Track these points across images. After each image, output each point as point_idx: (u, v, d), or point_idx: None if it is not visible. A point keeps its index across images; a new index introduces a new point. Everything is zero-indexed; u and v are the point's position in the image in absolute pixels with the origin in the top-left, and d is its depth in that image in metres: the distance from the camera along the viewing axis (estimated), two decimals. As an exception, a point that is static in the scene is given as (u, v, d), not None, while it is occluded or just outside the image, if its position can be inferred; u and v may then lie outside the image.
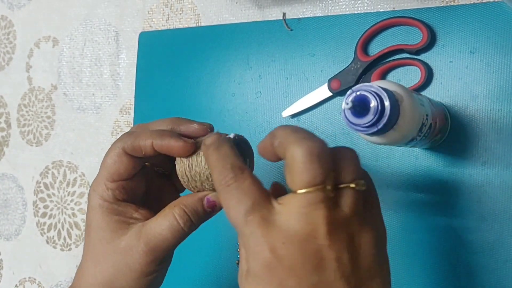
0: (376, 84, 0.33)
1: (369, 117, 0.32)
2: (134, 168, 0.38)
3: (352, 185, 0.29)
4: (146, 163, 0.41)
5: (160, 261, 0.37)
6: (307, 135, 0.29)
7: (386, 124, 0.32)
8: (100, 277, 0.38)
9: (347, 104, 0.32)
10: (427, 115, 0.37)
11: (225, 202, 0.30)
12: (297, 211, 0.28)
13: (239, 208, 0.29)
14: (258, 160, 0.37)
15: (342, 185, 0.29)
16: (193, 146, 0.36)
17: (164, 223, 0.36)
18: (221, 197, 0.31)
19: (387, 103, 0.32)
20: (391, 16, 0.48)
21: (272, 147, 0.31)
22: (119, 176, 0.38)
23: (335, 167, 0.29)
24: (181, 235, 0.36)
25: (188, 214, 0.36)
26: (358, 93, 0.32)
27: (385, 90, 0.32)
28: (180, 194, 0.42)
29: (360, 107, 0.32)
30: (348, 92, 0.33)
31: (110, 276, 0.37)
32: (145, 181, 0.40)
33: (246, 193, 0.30)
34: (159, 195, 0.42)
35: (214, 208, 0.37)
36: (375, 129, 0.32)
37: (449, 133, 0.45)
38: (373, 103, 0.32)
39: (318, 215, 0.27)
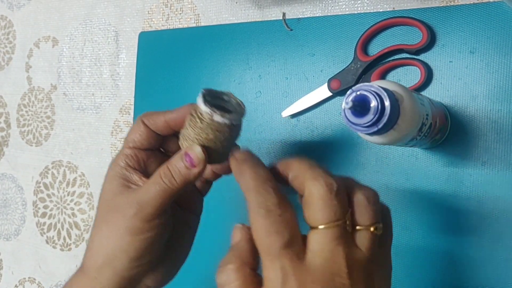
0: (376, 84, 0.33)
1: (369, 117, 0.32)
2: (148, 138, 0.41)
3: (371, 229, 0.31)
4: (162, 149, 0.43)
5: (149, 218, 0.37)
6: (324, 172, 0.31)
7: (386, 124, 0.32)
8: (98, 240, 0.39)
9: (347, 103, 0.32)
10: (427, 115, 0.37)
11: (261, 227, 0.30)
12: (321, 249, 0.29)
13: (276, 239, 0.29)
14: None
15: (360, 227, 0.30)
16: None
17: (151, 181, 0.38)
18: (258, 221, 0.30)
19: (387, 103, 0.32)
20: (391, 16, 0.48)
21: (284, 175, 0.33)
22: (133, 143, 0.41)
23: (357, 206, 0.31)
24: (166, 193, 0.37)
25: (170, 171, 0.37)
26: (358, 92, 0.32)
27: (385, 89, 0.32)
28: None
29: (360, 106, 0.32)
30: (348, 92, 0.33)
31: (106, 238, 0.39)
32: (158, 161, 0.42)
33: (287, 225, 0.30)
34: None
35: (192, 163, 0.37)
36: (375, 129, 0.32)
37: (449, 133, 0.45)
38: (373, 103, 0.32)
39: (339, 252, 0.29)
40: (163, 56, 0.63)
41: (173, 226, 0.42)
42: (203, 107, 0.36)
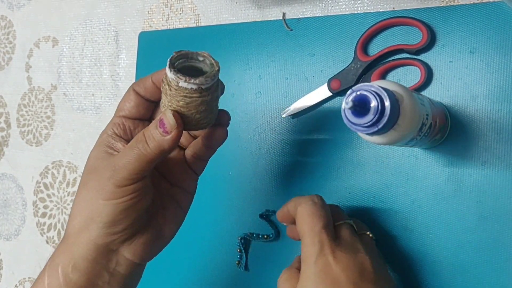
0: (376, 84, 0.33)
1: (369, 117, 0.32)
2: (137, 106, 0.41)
3: (347, 221, 0.43)
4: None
5: (123, 183, 0.37)
6: (308, 199, 0.42)
7: (386, 124, 0.32)
8: (77, 204, 0.39)
9: (347, 103, 0.32)
10: (427, 115, 0.37)
11: (308, 212, 0.41)
12: (347, 235, 0.42)
13: (319, 220, 0.40)
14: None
15: (338, 222, 0.43)
16: None
17: (127, 146, 0.38)
18: (306, 207, 0.41)
19: (387, 103, 0.32)
20: (391, 16, 0.48)
21: (288, 212, 0.43)
22: (123, 111, 0.42)
23: (333, 214, 0.43)
24: (141, 158, 0.37)
25: (145, 137, 0.37)
26: (358, 92, 0.32)
27: (385, 89, 0.32)
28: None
29: (360, 106, 0.32)
30: (348, 92, 0.33)
31: (83, 201, 0.39)
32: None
33: (326, 213, 0.42)
34: None
35: (165, 129, 0.37)
36: (375, 129, 0.32)
37: (449, 133, 0.45)
38: (373, 103, 0.32)
39: (324, 240, 0.39)
40: (163, 56, 0.63)
41: (159, 199, 0.42)
42: (169, 74, 0.35)
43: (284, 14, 0.55)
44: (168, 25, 0.64)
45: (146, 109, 0.42)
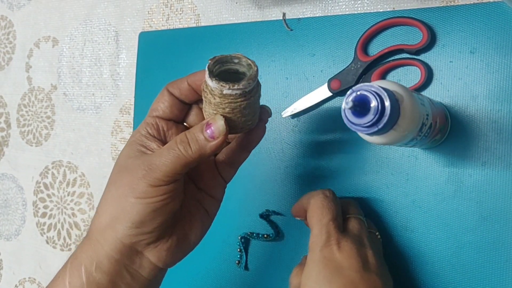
0: (377, 84, 0.33)
1: (370, 117, 0.32)
2: (171, 107, 0.41)
3: (358, 216, 0.45)
4: (185, 124, 0.43)
5: (155, 183, 0.37)
6: (320, 192, 0.45)
7: (386, 124, 0.32)
8: (104, 201, 0.39)
9: (347, 104, 0.32)
10: (427, 115, 0.37)
11: (319, 204, 0.43)
12: (354, 227, 0.44)
13: (328, 212, 0.43)
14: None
15: (349, 216, 0.45)
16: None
17: (166, 146, 0.37)
18: (317, 199, 0.44)
19: (387, 103, 0.32)
20: (391, 16, 0.48)
21: (302, 206, 0.46)
22: (156, 111, 0.41)
23: (345, 207, 0.46)
24: (179, 160, 0.36)
25: (187, 138, 0.37)
26: (358, 92, 0.32)
27: (386, 90, 0.32)
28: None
29: (360, 107, 0.32)
30: (349, 92, 0.33)
31: (112, 198, 0.38)
32: (179, 133, 0.41)
33: (336, 207, 0.44)
34: None
35: (212, 135, 0.36)
36: (375, 129, 0.32)
37: (449, 133, 0.45)
38: (374, 103, 0.32)
39: (331, 231, 0.42)
40: (163, 56, 0.63)
41: (186, 204, 0.41)
42: (210, 83, 0.35)
43: (284, 14, 0.55)
44: (168, 25, 0.64)
45: (180, 110, 0.41)
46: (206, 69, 0.36)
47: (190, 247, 0.42)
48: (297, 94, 0.54)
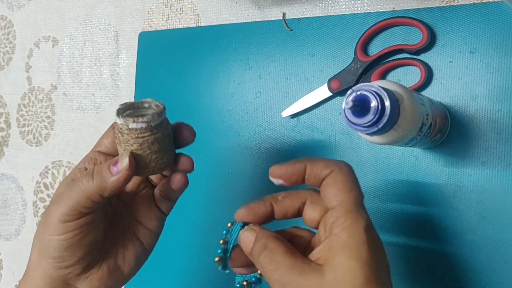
0: (376, 84, 0.32)
1: (370, 117, 0.32)
2: (114, 142, 0.41)
3: None
4: None
5: (68, 220, 0.37)
6: (349, 167, 0.35)
7: (386, 124, 0.32)
8: (34, 240, 0.40)
9: (347, 103, 0.32)
10: (427, 115, 0.37)
11: (351, 182, 0.34)
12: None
13: (360, 194, 0.35)
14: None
15: None
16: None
17: (74, 179, 0.38)
18: (350, 174, 0.35)
19: (387, 103, 0.32)
20: (391, 16, 0.48)
21: (303, 171, 0.35)
22: (100, 146, 0.42)
23: None
24: (83, 193, 0.36)
25: (93, 171, 0.37)
26: (358, 92, 0.32)
27: (385, 89, 0.32)
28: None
29: (360, 106, 0.32)
30: (349, 92, 0.33)
31: (37, 235, 0.39)
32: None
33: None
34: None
35: (115, 169, 0.36)
36: (375, 129, 0.32)
37: (449, 133, 0.45)
38: (374, 103, 0.32)
39: (366, 213, 0.34)
40: (163, 56, 0.63)
41: (119, 235, 0.42)
42: (118, 120, 0.37)
43: (284, 14, 0.55)
44: (168, 25, 0.64)
45: None
46: (116, 110, 0.37)
47: (124, 278, 0.42)
48: (297, 94, 0.54)
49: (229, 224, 0.42)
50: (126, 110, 0.38)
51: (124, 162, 0.36)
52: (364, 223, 0.33)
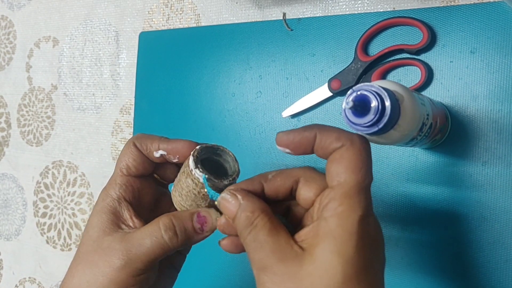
0: (377, 84, 0.33)
1: (370, 117, 0.32)
2: (142, 163, 0.38)
3: None
4: (155, 175, 0.40)
5: (137, 273, 0.35)
6: (363, 141, 0.31)
7: (386, 124, 0.32)
8: (78, 281, 0.37)
9: (348, 103, 0.32)
10: (427, 115, 0.37)
11: (358, 161, 0.30)
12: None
13: (367, 176, 0.31)
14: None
15: None
16: (193, 145, 0.36)
17: (147, 232, 0.35)
18: (356, 154, 0.30)
19: (387, 103, 0.32)
20: (391, 16, 0.48)
21: (313, 139, 0.32)
22: (127, 169, 0.38)
23: None
24: (163, 249, 0.35)
25: (175, 226, 0.35)
26: (358, 92, 0.32)
27: (386, 89, 0.32)
28: None
29: (360, 106, 0.32)
30: (349, 92, 0.33)
31: (87, 282, 0.36)
32: (152, 194, 0.39)
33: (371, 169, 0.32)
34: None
35: (203, 226, 0.35)
36: (375, 129, 0.32)
37: (449, 133, 0.45)
38: (374, 103, 0.32)
39: (369, 199, 0.31)
40: (164, 56, 0.63)
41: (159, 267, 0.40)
42: (209, 191, 0.34)
43: (284, 14, 0.56)
44: (169, 25, 0.64)
45: (151, 165, 0.39)
46: (195, 160, 0.35)
47: None
48: (297, 94, 0.54)
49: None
50: (202, 154, 0.35)
51: (214, 221, 0.35)
52: (360, 212, 0.29)
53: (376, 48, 0.49)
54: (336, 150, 0.31)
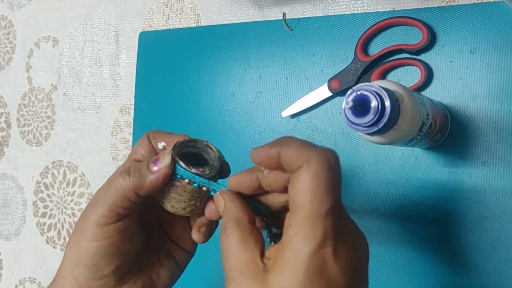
0: (377, 84, 0.33)
1: (370, 117, 0.32)
2: (149, 152, 0.39)
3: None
4: None
5: (105, 222, 0.35)
6: (324, 158, 0.30)
7: (386, 124, 0.32)
8: (67, 249, 0.38)
9: (348, 103, 0.32)
10: (427, 115, 0.37)
11: (314, 187, 0.29)
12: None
13: (327, 200, 0.29)
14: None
15: None
16: (167, 175, 0.35)
17: (108, 180, 0.37)
18: (311, 180, 0.29)
19: (387, 103, 0.32)
20: (391, 16, 0.48)
21: (278, 157, 0.31)
22: (135, 155, 0.39)
23: None
24: (118, 192, 0.35)
25: (130, 169, 0.36)
26: (358, 92, 0.32)
27: (386, 89, 0.32)
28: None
29: (360, 106, 0.32)
30: (349, 92, 0.33)
31: (71, 245, 0.37)
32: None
33: (337, 191, 0.30)
34: None
35: (156, 163, 0.35)
36: (375, 129, 0.32)
37: (449, 133, 0.45)
38: (374, 103, 0.32)
39: (329, 227, 0.29)
40: (164, 56, 0.63)
41: (155, 252, 0.40)
42: (180, 163, 0.35)
43: (284, 14, 0.56)
44: (168, 25, 0.64)
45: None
46: (175, 151, 0.36)
47: None
48: (297, 94, 0.54)
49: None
50: (182, 148, 0.36)
51: (166, 160, 0.35)
52: (314, 243, 0.28)
53: (376, 48, 0.49)
54: (296, 170, 0.29)
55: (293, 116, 0.54)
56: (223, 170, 0.39)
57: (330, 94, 0.51)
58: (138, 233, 0.38)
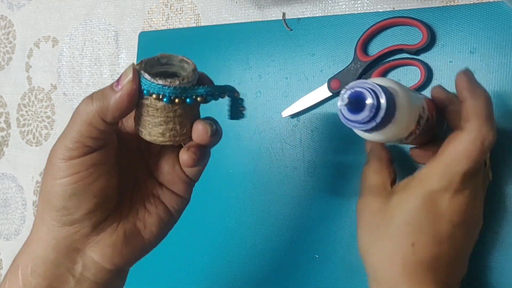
0: (370, 81, 0.33)
1: (366, 113, 0.32)
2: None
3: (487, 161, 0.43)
4: None
5: (72, 156, 0.32)
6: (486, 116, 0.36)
7: (384, 118, 0.32)
8: (39, 194, 0.34)
9: (343, 100, 0.32)
10: (423, 107, 0.37)
11: (485, 100, 0.37)
12: None
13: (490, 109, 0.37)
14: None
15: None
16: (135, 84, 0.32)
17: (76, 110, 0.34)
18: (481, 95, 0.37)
19: (382, 98, 0.32)
20: (391, 16, 0.48)
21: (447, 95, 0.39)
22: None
23: None
24: (82, 119, 0.32)
25: (93, 94, 0.33)
26: (353, 90, 0.32)
27: (380, 85, 0.32)
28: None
29: (356, 103, 0.32)
30: (343, 91, 0.33)
31: (41, 187, 0.34)
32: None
33: None
34: None
35: (119, 81, 0.32)
36: (373, 124, 0.32)
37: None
38: (369, 99, 0.32)
39: (454, 182, 0.36)
40: (163, 56, 0.63)
41: (140, 198, 0.37)
42: (146, 76, 0.32)
43: (284, 14, 0.55)
44: (168, 25, 0.64)
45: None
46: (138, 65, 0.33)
47: (144, 246, 0.36)
48: (297, 94, 0.54)
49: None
50: (154, 66, 0.33)
51: (128, 75, 0.31)
52: (436, 185, 0.35)
53: (376, 48, 0.49)
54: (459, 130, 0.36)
55: (293, 116, 0.54)
56: (201, 83, 0.35)
57: (330, 94, 0.51)
58: (114, 172, 0.34)
